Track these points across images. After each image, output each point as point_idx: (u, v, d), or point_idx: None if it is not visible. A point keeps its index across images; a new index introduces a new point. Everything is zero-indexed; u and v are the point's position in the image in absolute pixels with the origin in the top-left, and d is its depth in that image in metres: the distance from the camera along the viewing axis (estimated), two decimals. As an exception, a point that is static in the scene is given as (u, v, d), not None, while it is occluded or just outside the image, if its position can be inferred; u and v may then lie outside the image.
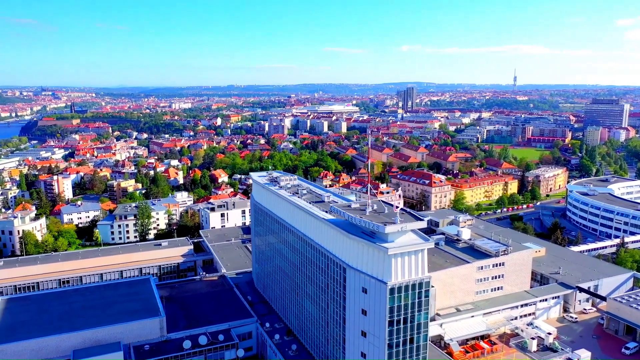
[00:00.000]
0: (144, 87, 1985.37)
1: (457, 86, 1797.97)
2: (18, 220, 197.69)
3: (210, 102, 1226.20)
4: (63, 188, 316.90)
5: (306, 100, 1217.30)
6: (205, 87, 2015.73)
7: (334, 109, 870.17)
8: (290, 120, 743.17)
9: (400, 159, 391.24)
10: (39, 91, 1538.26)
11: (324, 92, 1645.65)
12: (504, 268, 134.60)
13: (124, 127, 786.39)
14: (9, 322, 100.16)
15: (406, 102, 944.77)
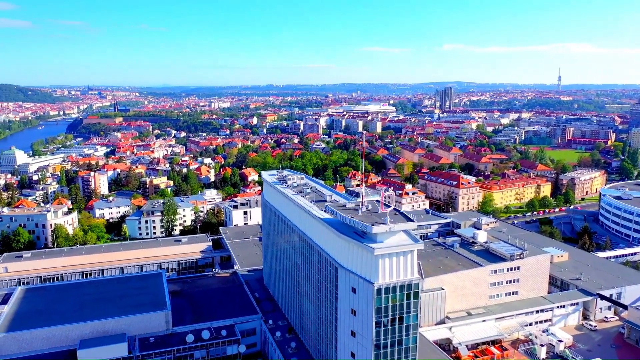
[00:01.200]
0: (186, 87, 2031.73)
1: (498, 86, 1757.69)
2: (51, 214, 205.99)
3: (248, 102, 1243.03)
4: (99, 184, 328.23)
5: (343, 100, 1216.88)
6: (245, 86, 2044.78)
7: (369, 108, 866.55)
8: (325, 119, 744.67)
9: (432, 160, 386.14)
10: (86, 90, 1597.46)
11: (362, 92, 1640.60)
12: (519, 272, 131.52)
13: (163, 126, 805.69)
14: (25, 311, 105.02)
15: (444, 102, 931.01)
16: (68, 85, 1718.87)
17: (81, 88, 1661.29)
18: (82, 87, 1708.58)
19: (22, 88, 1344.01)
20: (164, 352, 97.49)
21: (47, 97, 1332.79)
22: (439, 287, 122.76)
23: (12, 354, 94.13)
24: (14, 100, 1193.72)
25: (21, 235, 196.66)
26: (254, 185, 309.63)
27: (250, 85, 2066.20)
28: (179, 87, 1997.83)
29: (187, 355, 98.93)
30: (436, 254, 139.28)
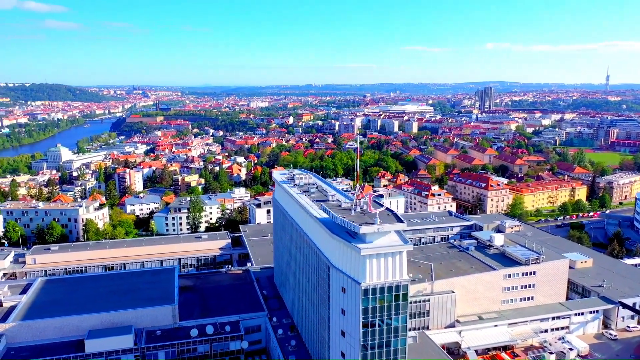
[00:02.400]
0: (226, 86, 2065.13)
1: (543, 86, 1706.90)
2: (83, 210, 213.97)
3: (286, 101, 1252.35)
4: (134, 181, 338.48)
5: (381, 99, 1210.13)
6: (284, 86, 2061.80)
7: (406, 108, 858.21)
8: (361, 119, 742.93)
9: (464, 161, 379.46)
10: (130, 90, 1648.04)
11: (401, 92, 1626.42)
12: (535, 277, 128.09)
13: (202, 125, 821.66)
14: (41, 301, 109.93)
15: (483, 102, 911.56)
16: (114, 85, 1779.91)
17: (126, 88, 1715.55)
18: (128, 86, 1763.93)
19: (71, 88, 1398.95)
20: (168, 345, 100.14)
21: (94, 96, 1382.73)
22: (450, 290, 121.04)
23: (27, 342, 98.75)
24: (64, 99, 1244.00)
25: (54, 229, 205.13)
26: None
27: (289, 85, 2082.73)
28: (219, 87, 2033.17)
29: (190, 349, 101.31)
30: (450, 256, 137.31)
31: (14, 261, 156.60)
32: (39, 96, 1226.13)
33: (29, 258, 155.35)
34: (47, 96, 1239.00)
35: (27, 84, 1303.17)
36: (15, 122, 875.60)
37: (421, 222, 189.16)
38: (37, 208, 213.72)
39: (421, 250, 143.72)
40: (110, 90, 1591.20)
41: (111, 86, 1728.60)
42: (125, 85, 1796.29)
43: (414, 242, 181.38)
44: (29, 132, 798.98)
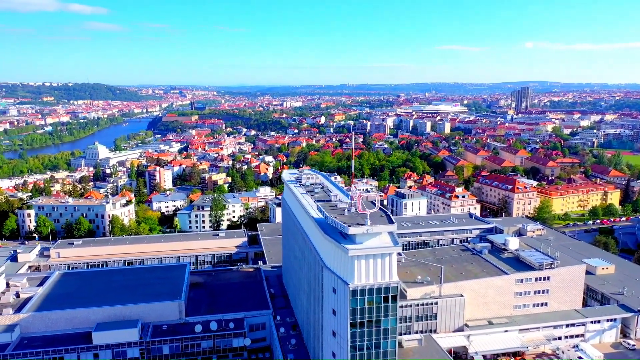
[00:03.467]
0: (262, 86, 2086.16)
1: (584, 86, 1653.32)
2: (110, 206, 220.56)
3: (319, 101, 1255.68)
4: (164, 178, 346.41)
5: (415, 99, 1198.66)
6: (319, 85, 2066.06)
7: (440, 108, 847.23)
8: (393, 119, 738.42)
9: (494, 163, 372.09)
10: (168, 90, 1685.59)
11: (436, 92, 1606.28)
12: (548, 283, 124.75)
13: (235, 124, 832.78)
14: (56, 293, 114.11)
15: (520, 102, 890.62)
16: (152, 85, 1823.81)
17: (164, 87, 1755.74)
18: (165, 86, 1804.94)
19: (112, 87, 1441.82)
20: (172, 340, 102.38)
21: (133, 95, 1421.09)
22: (459, 293, 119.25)
23: (39, 332, 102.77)
24: (104, 98, 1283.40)
25: (82, 224, 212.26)
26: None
27: (323, 85, 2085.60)
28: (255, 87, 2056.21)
29: (194, 345, 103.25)
30: (462, 259, 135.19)
31: (40, 254, 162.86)
32: (81, 95, 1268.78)
33: (53, 252, 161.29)
34: (89, 95, 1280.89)
35: (71, 84, 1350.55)
36: (58, 120, 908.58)
37: (440, 224, 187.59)
38: (66, 204, 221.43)
39: (433, 252, 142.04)
40: (148, 89, 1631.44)
41: (150, 86, 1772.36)
42: (163, 85, 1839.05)
43: (432, 244, 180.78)
44: (70, 130, 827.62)
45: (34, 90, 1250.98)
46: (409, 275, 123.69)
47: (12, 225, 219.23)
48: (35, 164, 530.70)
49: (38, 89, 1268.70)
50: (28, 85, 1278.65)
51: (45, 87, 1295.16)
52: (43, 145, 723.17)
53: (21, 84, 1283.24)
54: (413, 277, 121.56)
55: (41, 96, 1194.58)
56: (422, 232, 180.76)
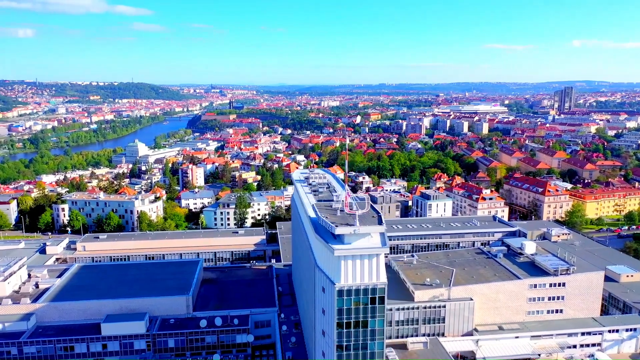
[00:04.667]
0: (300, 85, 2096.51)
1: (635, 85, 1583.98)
2: (138, 202, 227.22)
3: (357, 100, 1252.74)
4: (196, 176, 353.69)
5: (455, 99, 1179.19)
6: (357, 85, 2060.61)
7: (479, 108, 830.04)
8: (429, 119, 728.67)
9: (529, 164, 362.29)
10: (209, 89, 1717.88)
11: (477, 91, 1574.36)
12: (564, 289, 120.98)
13: (272, 123, 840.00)
14: (72, 285, 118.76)
15: (563, 102, 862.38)
16: (194, 84, 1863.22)
17: (205, 87, 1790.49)
18: (206, 85, 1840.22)
19: (154, 86, 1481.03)
20: (177, 334, 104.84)
21: (175, 94, 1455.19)
22: (468, 297, 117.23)
23: (53, 321, 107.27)
24: (147, 97, 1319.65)
25: (112, 219, 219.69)
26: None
27: (362, 85, 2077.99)
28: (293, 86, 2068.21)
29: (198, 339, 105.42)
30: (475, 262, 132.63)
31: (67, 247, 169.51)
32: (126, 94, 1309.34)
33: (80, 245, 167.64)
34: (133, 94, 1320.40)
35: (116, 83, 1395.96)
36: (102, 118, 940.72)
37: (461, 227, 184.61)
38: (98, 199, 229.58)
39: (447, 254, 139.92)
40: (190, 89, 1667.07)
41: (191, 85, 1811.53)
42: (205, 84, 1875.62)
43: (452, 246, 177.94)
44: (114, 128, 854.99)
45: (82, 89, 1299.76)
46: (419, 277, 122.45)
47: (47, 218, 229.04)
48: (79, 160, 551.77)
49: (85, 88, 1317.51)
50: (76, 84, 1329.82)
51: (92, 86, 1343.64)
52: (88, 143, 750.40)
53: (70, 83, 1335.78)
54: (422, 279, 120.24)
55: (88, 95, 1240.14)
56: (442, 234, 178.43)
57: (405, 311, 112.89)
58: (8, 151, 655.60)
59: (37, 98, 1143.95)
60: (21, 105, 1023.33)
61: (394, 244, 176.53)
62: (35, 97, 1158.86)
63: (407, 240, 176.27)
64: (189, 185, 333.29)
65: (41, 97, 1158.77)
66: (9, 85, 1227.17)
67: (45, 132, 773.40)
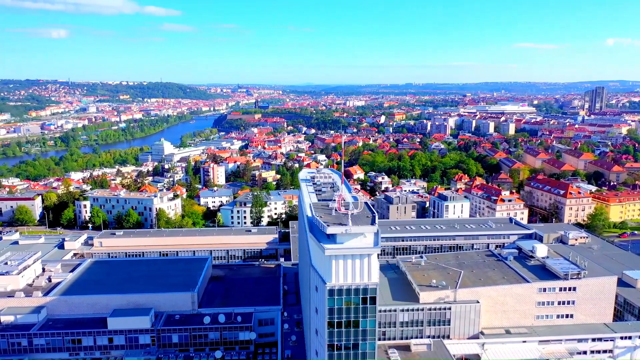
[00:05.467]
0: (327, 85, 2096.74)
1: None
2: (157, 199, 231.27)
3: (383, 100, 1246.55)
4: (217, 175, 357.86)
5: (482, 99, 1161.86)
6: (384, 85, 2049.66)
7: (506, 109, 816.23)
8: (455, 120, 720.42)
9: (554, 166, 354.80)
10: (235, 88, 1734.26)
11: (506, 91, 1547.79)
12: (575, 294, 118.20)
13: (296, 123, 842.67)
14: (83, 279, 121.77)
15: (594, 102, 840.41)
16: (221, 84, 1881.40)
17: (232, 86, 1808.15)
18: (233, 85, 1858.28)
19: (182, 86, 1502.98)
20: (181, 330, 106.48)
21: (202, 94, 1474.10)
22: (475, 299, 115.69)
23: (64, 314, 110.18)
24: (175, 97, 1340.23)
25: (131, 215, 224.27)
26: (352, 183, 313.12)
27: (389, 84, 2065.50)
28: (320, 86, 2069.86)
29: (202, 335, 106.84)
30: (484, 264, 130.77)
31: (84, 243, 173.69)
32: (154, 94, 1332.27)
33: (97, 241, 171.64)
34: (161, 94, 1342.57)
35: (145, 83, 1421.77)
36: (131, 117, 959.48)
37: (475, 228, 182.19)
38: (118, 196, 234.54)
39: (456, 256, 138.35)
40: (217, 88, 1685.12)
41: (218, 84, 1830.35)
42: (232, 84, 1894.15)
43: (466, 248, 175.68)
44: (141, 127, 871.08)
45: (112, 88, 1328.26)
46: (425, 278, 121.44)
47: (69, 215, 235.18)
48: (107, 158, 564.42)
49: (116, 87, 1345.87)
50: (107, 84, 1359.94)
51: (122, 85, 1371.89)
52: (116, 141, 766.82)
53: (101, 82, 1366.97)
54: (429, 281, 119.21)
55: (118, 94, 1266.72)
56: (456, 236, 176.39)
57: (409, 312, 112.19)
58: (40, 149, 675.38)
59: (70, 97, 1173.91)
60: (54, 104, 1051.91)
61: (406, 244, 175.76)
62: (67, 96, 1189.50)
63: (419, 241, 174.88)
64: (210, 184, 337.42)
65: (73, 97, 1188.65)
66: (42, 85, 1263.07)
67: (75, 131, 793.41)
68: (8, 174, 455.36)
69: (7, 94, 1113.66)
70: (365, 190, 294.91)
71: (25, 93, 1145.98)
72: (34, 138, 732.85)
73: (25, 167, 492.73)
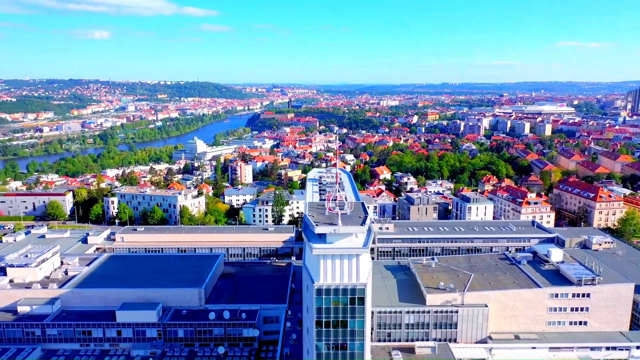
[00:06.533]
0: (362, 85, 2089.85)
1: None
2: (181, 197, 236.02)
3: (417, 100, 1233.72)
4: (244, 173, 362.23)
5: (520, 99, 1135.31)
6: (419, 84, 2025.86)
7: (543, 109, 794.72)
8: (489, 120, 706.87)
9: (588, 168, 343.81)
10: (270, 88, 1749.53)
11: (546, 91, 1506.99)
12: (588, 300, 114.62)
13: (329, 122, 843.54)
14: (97, 273, 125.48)
15: (637, 103, 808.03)
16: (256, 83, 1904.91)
17: (267, 86, 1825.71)
18: (268, 84, 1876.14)
19: (218, 85, 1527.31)
20: (187, 325, 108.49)
21: (237, 93, 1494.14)
22: (483, 303, 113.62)
23: (77, 306, 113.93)
24: (211, 96, 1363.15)
25: (156, 212, 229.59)
26: (377, 183, 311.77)
27: (424, 84, 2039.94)
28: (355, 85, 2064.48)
29: (206, 330, 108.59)
30: (497, 268, 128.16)
31: (107, 238, 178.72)
32: (191, 93, 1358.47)
33: (118, 236, 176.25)
34: (198, 93, 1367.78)
35: (182, 82, 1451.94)
36: (167, 116, 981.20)
37: (495, 231, 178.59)
38: (144, 193, 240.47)
39: (468, 259, 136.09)
40: (252, 88, 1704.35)
41: (254, 84, 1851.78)
42: (267, 84, 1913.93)
43: (484, 251, 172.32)
44: (177, 125, 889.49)
45: (150, 88, 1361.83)
46: (434, 280, 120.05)
47: (98, 210, 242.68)
48: (142, 156, 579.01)
49: (154, 87, 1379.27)
50: (145, 83, 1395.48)
51: (160, 85, 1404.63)
52: (152, 139, 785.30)
53: (140, 82, 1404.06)
54: (437, 283, 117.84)
55: (156, 94, 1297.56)
56: (474, 238, 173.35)
57: (415, 314, 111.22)
58: (80, 146, 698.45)
59: (110, 96, 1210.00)
60: (95, 103, 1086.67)
61: (422, 246, 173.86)
62: (108, 95, 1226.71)
63: (436, 243, 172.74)
64: (237, 182, 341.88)
65: (113, 96, 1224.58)
66: (85, 85, 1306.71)
67: (114, 129, 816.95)
68: (48, 170, 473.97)
69: (52, 93, 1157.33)
70: (390, 190, 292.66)
71: (69, 92, 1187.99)
72: (74, 136, 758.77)
73: (64, 163, 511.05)
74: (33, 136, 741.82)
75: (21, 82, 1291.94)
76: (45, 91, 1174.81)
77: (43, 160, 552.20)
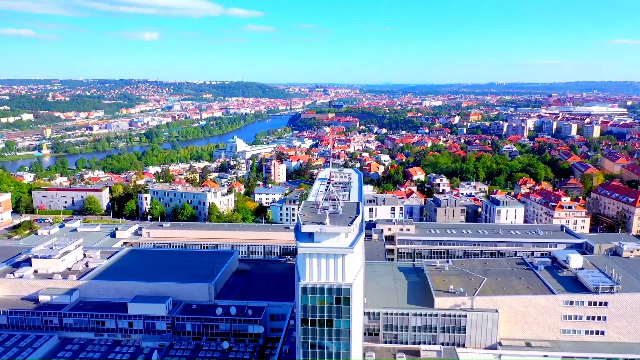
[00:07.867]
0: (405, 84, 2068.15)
1: None
2: (211, 194, 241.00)
3: (461, 100, 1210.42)
4: (277, 172, 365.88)
5: (569, 99, 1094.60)
6: (464, 84, 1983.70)
7: (593, 110, 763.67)
8: (534, 121, 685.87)
9: (633, 172, 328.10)
10: (313, 88, 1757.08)
11: (599, 91, 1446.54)
12: (606, 309, 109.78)
13: (369, 122, 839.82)
14: (116, 266, 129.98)
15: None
16: (299, 83, 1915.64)
17: (310, 85, 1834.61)
18: (311, 84, 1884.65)
19: (262, 85, 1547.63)
20: (194, 319, 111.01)
21: (280, 93, 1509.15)
22: (494, 308, 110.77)
23: (93, 297, 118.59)
24: (254, 96, 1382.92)
25: (186, 209, 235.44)
26: (409, 184, 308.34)
27: (470, 84, 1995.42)
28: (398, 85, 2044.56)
29: (213, 325, 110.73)
30: (511, 273, 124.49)
31: (134, 233, 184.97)
32: (235, 93, 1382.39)
33: (145, 231, 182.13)
34: (241, 93, 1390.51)
35: (227, 82, 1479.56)
36: (211, 115, 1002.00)
37: (521, 235, 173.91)
38: (175, 190, 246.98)
39: (484, 263, 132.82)
40: (295, 87, 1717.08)
41: (297, 84, 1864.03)
42: (310, 83, 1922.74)
43: (509, 255, 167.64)
44: (220, 124, 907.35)
45: (196, 87, 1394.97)
46: (445, 283, 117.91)
47: (132, 206, 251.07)
48: (184, 154, 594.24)
49: (199, 86, 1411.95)
50: (191, 83, 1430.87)
51: (206, 85, 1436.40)
52: (195, 138, 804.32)
53: (186, 82, 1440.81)
54: (447, 286, 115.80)
55: (201, 93, 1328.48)
56: (498, 242, 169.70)
57: (422, 317, 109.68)
58: (126, 144, 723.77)
59: (157, 96, 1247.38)
60: (143, 103, 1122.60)
61: (444, 248, 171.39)
62: (155, 95, 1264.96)
63: (457, 245, 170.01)
64: (270, 181, 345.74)
65: (160, 95, 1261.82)
66: (134, 84, 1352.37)
67: (159, 128, 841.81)
68: (95, 167, 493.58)
69: (103, 93, 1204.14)
70: (422, 192, 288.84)
71: (119, 92, 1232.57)
72: (122, 134, 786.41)
73: (110, 160, 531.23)
74: (84, 134, 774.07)
75: (75, 82, 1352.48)
76: (97, 91, 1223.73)
77: (91, 157, 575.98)
